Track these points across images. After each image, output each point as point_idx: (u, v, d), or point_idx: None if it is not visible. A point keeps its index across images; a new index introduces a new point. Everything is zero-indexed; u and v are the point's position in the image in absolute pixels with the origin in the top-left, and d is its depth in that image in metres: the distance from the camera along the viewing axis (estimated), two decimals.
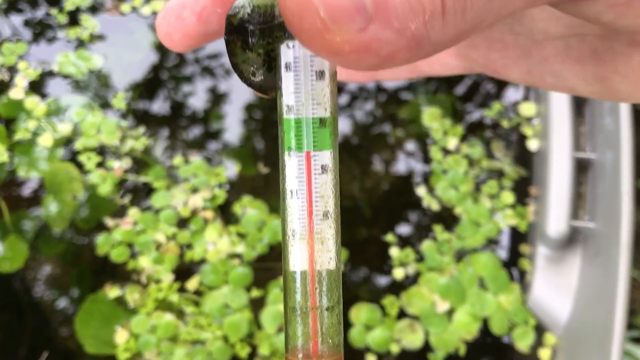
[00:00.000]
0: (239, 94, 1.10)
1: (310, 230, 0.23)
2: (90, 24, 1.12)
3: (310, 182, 0.23)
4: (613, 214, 0.87)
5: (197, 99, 1.10)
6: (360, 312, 0.94)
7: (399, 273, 0.97)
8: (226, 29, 0.21)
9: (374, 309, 0.94)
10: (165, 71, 1.12)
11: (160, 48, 1.13)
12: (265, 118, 1.09)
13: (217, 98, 1.10)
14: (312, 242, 0.23)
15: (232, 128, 1.07)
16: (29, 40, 1.11)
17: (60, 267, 0.98)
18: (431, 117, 1.06)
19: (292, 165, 0.23)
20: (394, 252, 0.99)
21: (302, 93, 0.22)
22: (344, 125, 1.08)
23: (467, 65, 0.23)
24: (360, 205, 1.03)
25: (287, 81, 0.21)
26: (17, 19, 1.14)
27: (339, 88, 1.09)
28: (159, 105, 1.09)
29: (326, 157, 0.23)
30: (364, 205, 1.03)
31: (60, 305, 0.95)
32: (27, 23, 1.13)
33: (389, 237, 1.00)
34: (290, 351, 0.24)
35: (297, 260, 0.23)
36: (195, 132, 1.07)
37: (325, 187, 0.23)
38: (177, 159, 1.01)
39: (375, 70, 0.17)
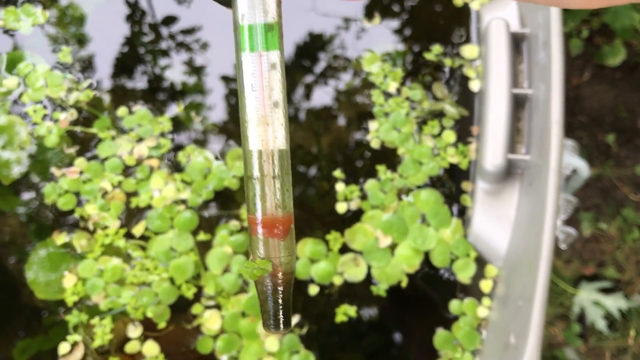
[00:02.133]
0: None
1: (264, 117, 0.28)
2: None
3: (262, 77, 0.27)
4: (545, 144, 0.90)
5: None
6: (305, 246, 0.97)
7: (341, 207, 0.99)
8: None
9: (318, 243, 0.97)
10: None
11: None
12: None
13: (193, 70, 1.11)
14: (265, 126, 0.28)
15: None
16: None
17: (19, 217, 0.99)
18: (370, 61, 1.08)
19: (247, 63, 0.27)
20: (340, 187, 1.01)
21: (254, 3, 0.26)
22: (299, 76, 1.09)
23: None
24: (318, 158, 1.05)
25: None
26: None
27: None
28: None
29: (274, 56, 0.27)
30: (321, 157, 1.05)
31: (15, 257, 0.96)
32: None
33: (337, 173, 1.02)
34: (250, 211, 0.30)
35: (254, 141, 0.28)
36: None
37: (275, 81, 0.27)
38: (121, 110, 1.03)
39: None
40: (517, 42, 1.05)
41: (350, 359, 0.94)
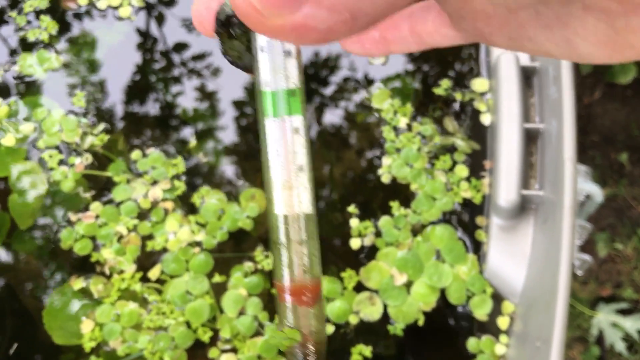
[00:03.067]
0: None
1: (288, 181, 0.28)
2: (48, 24, 1.14)
3: (286, 142, 0.28)
4: (558, 180, 0.89)
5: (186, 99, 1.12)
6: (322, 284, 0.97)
7: (355, 243, 1.00)
8: (216, 24, 0.26)
9: (333, 281, 0.97)
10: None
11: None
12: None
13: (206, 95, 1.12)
14: (290, 190, 0.28)
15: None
16: None
17: (37, 261, 1.00)
18: (380, 98, 1.08)
19: (271, 128, 0.28)
20: (354, 223, 1.01)
21: (275, 69, 0.27)
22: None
23: (462, 35, 0.24)
24: (330, 188, 1.06)
25: (263, 61, 0.27)
26: None
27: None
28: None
29: (297, 120, 0.28)
30: (333, 187, 1.05)
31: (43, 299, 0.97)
32: None
33: (351, 209, 1.02)
34: (277, 278, 0.29)
35: (279, 205, 0.28)
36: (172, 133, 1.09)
37: (299, 145, 0.28)
38: (135, 153, 1.04)
39: (324, 43, 0.20)
40: (527, 76, 1.05)
41: None
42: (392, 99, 1.09)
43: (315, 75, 1.14)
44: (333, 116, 1.11)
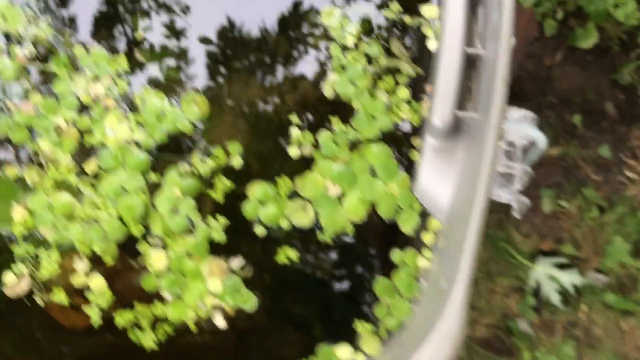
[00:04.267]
0: None
1: None
2: None
3: None
4: (490, 102, 0.92)
5: None
6: (256, 188, 0.99)
7: (294, 151, 1.02)
8: None
9: (269, 187, 0.99)
10: None
11: None
12: None
13: None
14: None
15: None
16: None
17: None
18: (329, 15, 1.09)
19: None
20: (294, 132, 1.03)
21: None
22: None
23: None
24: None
25: None
26: None
27: None
28: None
29: None
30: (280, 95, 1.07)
31: None
32: None
33: (293, 118, 1.04)
34: None
35: None
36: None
37: None
38: (78, 49, 1.03)
39: None
40: (474, 5, 1.07)
41: (292, 302, 0.97)
42: (341, 17, 1.10)
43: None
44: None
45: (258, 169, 1.02)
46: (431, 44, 1.10)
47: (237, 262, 0.96)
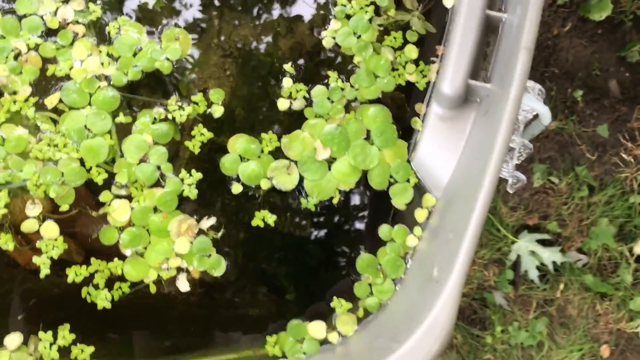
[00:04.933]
0: None
1: None
2: None
3: None
4: (509, 73, 0.81)
5: None
6: (238, 142, 0.89)
7: (283, 104, 0.91)
8: None
9: (252, 141, 0.89)
10: None
11: None
12: None
13: None
14: None
15: None
16: None
17: None
18: None
19: None
20: (287, 82, 0.92)
21: None
22: None
23: None
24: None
25: None
26: None
27: None
28: None
29: None
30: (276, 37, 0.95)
31: None
32: None
33: (287, 67, 0.93)
34: None
35: None
36: None
37: None
38: None
39: None
40: None
41: (266, 263, 0.88)
42: None
43: None
44: None
45: (242, 119, 0.92)
46: (447, 1, 0.98)
47: (208, 221, 0.86)
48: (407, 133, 0.93)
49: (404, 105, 0.95)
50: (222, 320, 0.90)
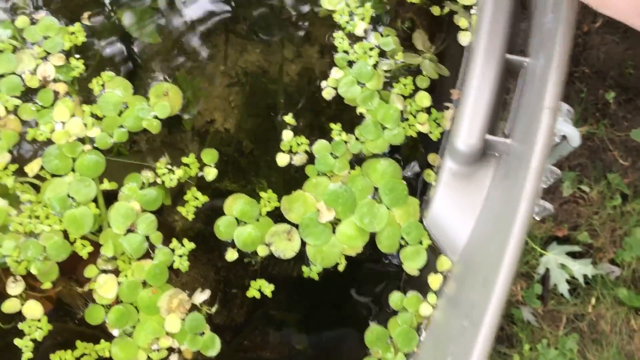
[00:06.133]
0: None
1: None
2: None
3: None
4: (531, 131, 0.73)
5: None
6: (235, 203, 0.82)
7: (283, 159, 0.84)
8: None
9: (251, 204, 0.81)
10: None
11: None
12: None
13: None
14: None
15: None
16: None
17: None
18: None
19: None
20: (287, 135, 0.85)
21: None
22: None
23: None
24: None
25: None
26: None
27: None
28: None
29: None
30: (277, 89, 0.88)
31: None
32: None
33: (287, 118, 0.86)
34: None
35: None
36: None
37: None
38: (21, 20, 0.83)
39: None
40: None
41: (262, 348, 0.82)
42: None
43: None
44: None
45: (241, 171, 0.85)
46: (463, 38, 0.89)
47: (201, 295, 0.79)
48: (420, 187, 0.85)
49: (415, 157, 0.87)
50: None
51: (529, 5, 0.85)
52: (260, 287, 0.81)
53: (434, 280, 0.82)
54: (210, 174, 0.83)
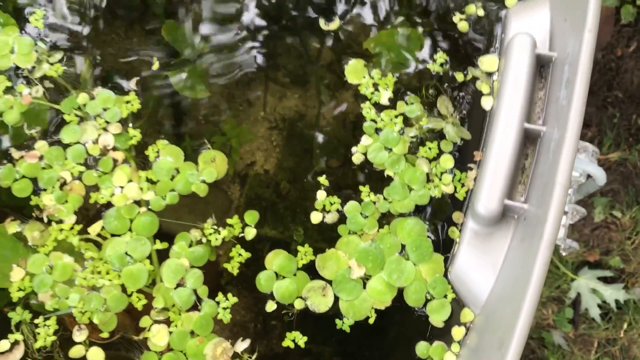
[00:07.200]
0: None
1: None
2: None
3: None
4: (545, 200, 0.79)
5: None
6: (276, 259, 0.90)
7: (316, 217, 0.92)
8: None
9: (289, 260, 0.90)
10: None
11: None
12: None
13: None
14: None
15: None
16: None
17: None
18: (354, 71, 0.96)
19: None
20: (320, 195, 0.93)
21: None
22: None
23: None
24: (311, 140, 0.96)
25: None
26: None
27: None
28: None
29: None
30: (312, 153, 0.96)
31: None
32: None
33: (321, 179, 0.94)
34: None
35: None
36: None
37: None
38: (82, 97, 0.93)
39: None
40: (541, 64, 0.92)
41: None
42: (367, 69, 0.96)
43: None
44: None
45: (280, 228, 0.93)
46: (486, 102, 0.96)
47: (242, 344, 0.88)
48: (445, 243, 0.92)
49: (440, 215, 0.94)
50: None
51: (546, 76, 0.91)
52: (295, 338, 0.88)
53: (457, 332, 0.88)
54: (250, 233, 0.91)
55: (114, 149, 0.92)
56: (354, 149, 0.95)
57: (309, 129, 0.97)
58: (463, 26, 1.00)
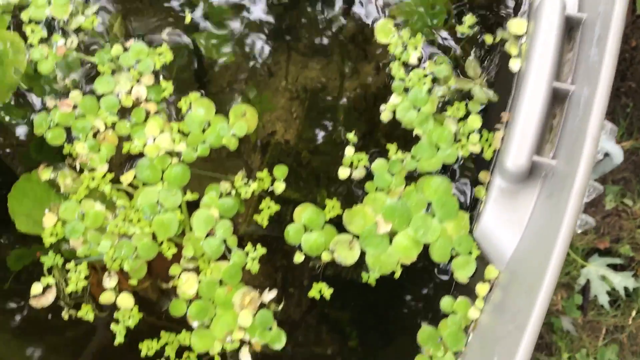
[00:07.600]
0: None
1: None
2: None
3: None
4: (574, 155, 0.80)
5: None
6: (304, 212, 0.91)
7: (344, 173, 0.93)
8: None
9: (318, 213, 0.91)
10: None
11: None
12: None
13: None
14: None
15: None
16: None
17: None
18: (384, 31, 0.97)
19: None
20: (349, 151, 0.94)
21: None
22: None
23: None
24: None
25: None
26: None
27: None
28: None
29: None
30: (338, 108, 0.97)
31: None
32: None
33: (350, 136, 0.95)
34: None
35: None
36: None
37: None
38: (115, 49, 0.95)
39: None
40: (571, 27, 0.93)
41: (316, 344, 0.90)
42: (397, 29, 0.97)
43: None
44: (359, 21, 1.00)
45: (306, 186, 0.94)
46: (514, 64, 0.97)
47: (269, 294, 0.89)
48: (471, 202, 0.93)
49: (467, 174, 0.95)
50: None
51: (575, 37, 0.92)
52: (321, 290, 0.90)
53: (482, 288, 0.90)
54: (279, 187, 0.92)
55: (147, 100, 0.93)
56: (382, 107, 0.96)
57: (332, 96, 0.98)
58: None
